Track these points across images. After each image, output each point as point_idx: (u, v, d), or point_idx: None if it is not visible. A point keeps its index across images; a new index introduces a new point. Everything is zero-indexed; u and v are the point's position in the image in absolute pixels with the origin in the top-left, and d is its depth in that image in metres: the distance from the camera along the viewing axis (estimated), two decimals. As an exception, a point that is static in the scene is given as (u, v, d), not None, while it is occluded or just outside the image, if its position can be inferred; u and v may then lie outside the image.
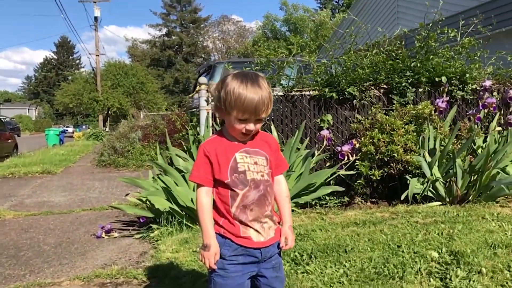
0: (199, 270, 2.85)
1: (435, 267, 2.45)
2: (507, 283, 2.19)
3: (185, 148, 4.36)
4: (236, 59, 7.37)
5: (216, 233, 1.63)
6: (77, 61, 73.53)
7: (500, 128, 4.56)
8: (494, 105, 4.13)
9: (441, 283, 2.23)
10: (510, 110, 4.80)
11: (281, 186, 1.77)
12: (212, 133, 4.42)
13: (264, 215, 1.65)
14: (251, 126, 1.60)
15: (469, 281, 2.21)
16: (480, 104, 4.35)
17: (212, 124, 4.44)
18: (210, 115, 4.41)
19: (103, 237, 4.04)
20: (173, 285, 2.67)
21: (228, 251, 1.63)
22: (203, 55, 58.23)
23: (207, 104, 4.38)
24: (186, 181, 4.01)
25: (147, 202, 4.18)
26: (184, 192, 3.82)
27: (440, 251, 2.66)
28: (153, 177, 4.18)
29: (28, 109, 65.91)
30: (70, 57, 73.59)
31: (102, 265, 3.24)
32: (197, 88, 4.48)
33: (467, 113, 4.55)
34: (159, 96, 39.79)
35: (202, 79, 4.43)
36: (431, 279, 2.30)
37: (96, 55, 35.35)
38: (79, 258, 3.44)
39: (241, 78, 1.59)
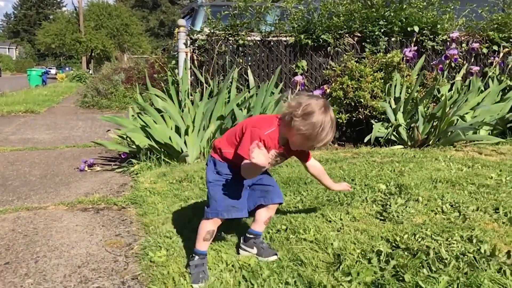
0: (174, 198, 3.16)
1: (380, 197, 2.79)
2: (436, 208, 2.53)
3: (164, 90, 4.55)
4: (219, 2, 7.35)
5: (218, 158, 1.99)
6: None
7: (459, 78, 4.83)
8: (455, 56, 4.37)
9: (382, 208, 2.57)
10: (472, 61, 5.06)
11: (316, 167, 2.20)
12: (190, 76, 4.60)
13: None
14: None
15: (405, 207, 2.55)
16: (443, 55, 4.58)
17: (190, 66, 4.61)
18: (189, 57, 4.57)
19: (86, 170, 4.31)
20: (149, 209, 2.97)
21: (224, 169, 1.96)
22: (190, -3, 56.46)
23: (186, 47, 4.52)
24: (165, 120, 4.25)
25: (128, 139, 4.42)
26: (162, 130, 4.07)
27: (388, 184, 3.00)
28: (132, 115, 4.39)
29: (8, 48, 63.92)
30: (51, -5, 70.52)
31: (84, 193, 3.53)
32: (176, 30, 4.60)
33: (431, 63, 4.79)
34: (143, 39, 38.97)
35: (181, 21, 4.53)
36: (374, 205, 2.63)
37: (78, -6, 34.12)
38: (63, 188, 3.72)
39: (330, 119, 1.75)
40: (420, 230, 2.22)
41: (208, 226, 1.97)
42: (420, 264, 1.88)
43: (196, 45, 4.63)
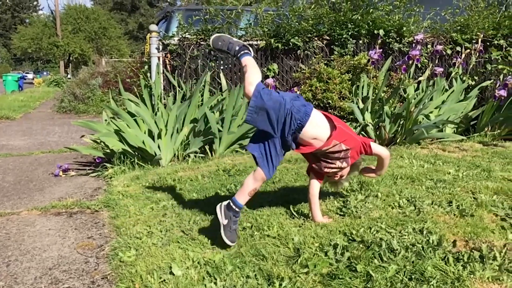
0: (146, 200, 3.24)
1: (343, 194, 2.93)
2: (394, 203, 2.68)
3: (138, 94, 4.62)
4: (193, 6, 7.44)
5: None
6: (35, 3, 69.39)
7: (423, 78, 5.03)
8: (418, 57, 4.56)
9: (342, 204, 2.70)
10: (437, 62, 5.27)
11: None
12: (163, 80, 4.69)
13: None
14: None
15: (365, 202, 2.69)
16: (406, 56, 4.77)
17: (163, 70, 4.69)
18: (161, 62, 4.65)
19: (61, 176, 4.35)
20: (121, 212, 3.04)
21: None
22: (168, 0, 56.27)
23: (158, 51, 4.60)
24: (138, 124, 4.32)
25: (102, 143, 4.48)
26: (135, 134, 4.14)
27: (351, 182, 3.13)
28: (105, 120, 4.45)
29: (-17, 53, 62.62)
30: (27, -2, 69.29)
31: (58, 198, 3.58)
32: (148, 35, 4.68)
33: (395, 64, 4.97)
34: (122, 42, 38.67)
35: (153, 27, 4.61)
36: (336, 202, 2.77)
37: (55, -3, 33.64)
38: (37, 193, 3.76)
39: None
40: (376, 223, 2.36)
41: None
42: (373, 255, 2.01)
43: (168, 49, 4.71)
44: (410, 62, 4.55)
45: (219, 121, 4.43)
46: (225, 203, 2.30)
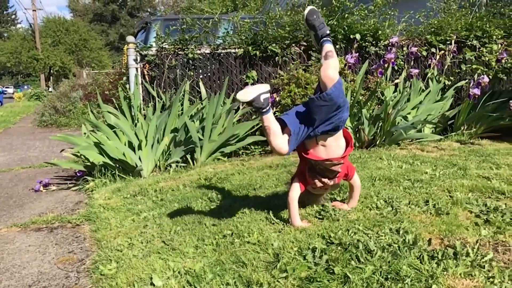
0: (127, 212, 3.23)
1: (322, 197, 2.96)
2: (371, 204, 2.72)
3: (117, 106, 4.61)
4: (172, 16, 7.46)
5: None
6: (13, 16, 68.50)
7: (398, 81, 5.13)
8: (393, 60, 4.64)
9: (321, 208, 2.73)
10: (413, 64, 5.38)
11: None
12: (142, 91, 4.69)
13: None
14: None
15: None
16: (382, 59, 4.85)
17: (142, 81, 4.69)
18: (139, 72, 4.66)
19: (41, 191, 4.31)
20: (103, 225, 3.03)
21: None
22: (149, 9, 56.12)
23: (136, 62, 4.61)
24: (118, 136, 4.31)
25: (83, 157, 4.45)
26: (115, 146, 4.13)
27: (330, 185, 3.17)
28: (85, 133, 4.43)
29: (-39, 68, 61.43)
30: (4, 12, 68.38)
31: (39, 213, 3.55)
32: (125, 46, 4.68)
33: (372, 68, 5.05)
34: (103, 53, 38.41)
35: (130, 38, 4.62)
36: (314, 206, 2.80)
37: (33, 10, 33.34)
38: (17, 210, 3.72)
39: None
40: (354, 225, 2.39)
41: None
42: (350, 257, 2.05)
43: (146, 60, 4.72)
44: (386, 65, 4.63)
45: (199, 130, 4.45)
46: None
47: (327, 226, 2.43)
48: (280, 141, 2.27)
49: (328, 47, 2.42)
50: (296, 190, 2.53)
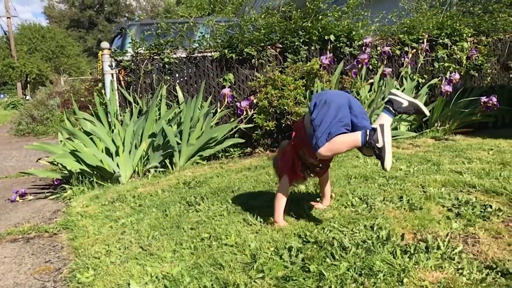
0: (105, 219, 3.21)
1: (299, 197, 3.00)
2: (347, 202, 2.77)
3: (93, 112, 4.57)
4: (148, 20, 7.43)
5: None
6: (-14, 25, 67.29)
7: (372, 80, 5.22)
8: (366, 60, 4.72)
9: (298, 206, 2.77)
10: (388, 63, 5.48)
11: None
12: (118, 96, 4.66)
13: None
14: None
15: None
16: (355, 60, 4.93)
17: (118, 87, 4.66)
18: (115, 78, 4.63)
19: (18, 201, 4.24)
20: (80, 233, 3.00)
21: None
22: (126, 14, 55.55)
23: (111, 68, 4.58)
24: (95, 143, 4.27)
25: (60, 165, 4.40)
26: (92, 153, 4.09)
27: (306, 185, 3.21)
28: (61, 141, 4.38)
29: None
30: (-22, 20, 66.96)
31: (14, 224, 3.49)
32: (100, 53, 4.65)
33: (345, 68, 5.13)
34: (81, 60, 38.00)
35: (104, 44, 4.59)
36: (291, 205, 2.82)
37: (7, 18, 32.71)
38: (-8, 221, 3.65)
39: None
40: (329, 223, 2.43)
41: None
42: (325, 255, 2.08)
43: (121, 66, 4.70)
44: (360, 65, 4.70)
45: (177, 134, 4.44)
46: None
47: (303, 225, 2.47)
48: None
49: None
50: (286, 184, 2.54)
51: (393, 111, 2.18)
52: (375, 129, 2.11)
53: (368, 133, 2.11)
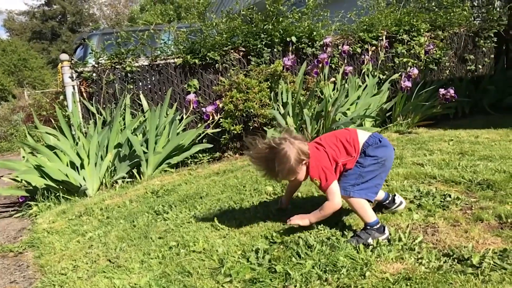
0: (72, 234, 3.15)
1: (266, 198, 3.03)
2: (314, 200, 2.82)
3: (56, 126, 4.48)
4: (110, 29, 7.34)
5: None
6: None
7: (334, 79, 5.32)
8: (326, 60, 4.81)
9: (268, 210, 2.79)
10: (346, 62, 5.59)
11: None
12: (81, 108, 4.58)
13: None
14: None
15: (286, 204, 2.81)
16: (315, 60, 5.01)
17: (80, 98, 4.59)
18: (76, 90, 4.55)
19: (-19, 221, 4.10)
20: (46, 250, 2.94)
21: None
22: (90, 23, 54.51)
23: (72, 80, 4.50)
24: (59, 157, 4.19)
25: (24, 181, 4.29)
26: (57, 168, 4.01)
27: (274, 186, 3.24)
28: (23, 156, 4.28)
29: None
30: None
31: (-22, 246, 3.38)
32: (59, 65, 4.56)
33: (307, 69, 5.21)
34: (46, 72, 36.99)
35: (63, 56, 4.50)
36: (259, 207, 2.86)
37: (-36, 32, 31.57)
38: (-46, 244, 3.52)
39: None
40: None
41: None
42: (291, 254, 2.11)
43: (82, 77, 4.62)
44: (321, 65, 4.78)
45: (143, 143, 4.40)
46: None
47: (270, 227, 2.49)
48: None
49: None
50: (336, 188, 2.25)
51: None
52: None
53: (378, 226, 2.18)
